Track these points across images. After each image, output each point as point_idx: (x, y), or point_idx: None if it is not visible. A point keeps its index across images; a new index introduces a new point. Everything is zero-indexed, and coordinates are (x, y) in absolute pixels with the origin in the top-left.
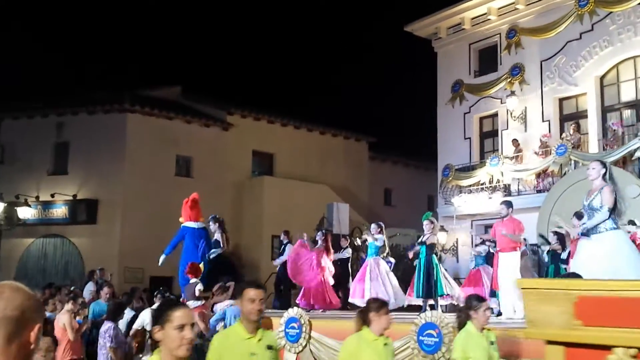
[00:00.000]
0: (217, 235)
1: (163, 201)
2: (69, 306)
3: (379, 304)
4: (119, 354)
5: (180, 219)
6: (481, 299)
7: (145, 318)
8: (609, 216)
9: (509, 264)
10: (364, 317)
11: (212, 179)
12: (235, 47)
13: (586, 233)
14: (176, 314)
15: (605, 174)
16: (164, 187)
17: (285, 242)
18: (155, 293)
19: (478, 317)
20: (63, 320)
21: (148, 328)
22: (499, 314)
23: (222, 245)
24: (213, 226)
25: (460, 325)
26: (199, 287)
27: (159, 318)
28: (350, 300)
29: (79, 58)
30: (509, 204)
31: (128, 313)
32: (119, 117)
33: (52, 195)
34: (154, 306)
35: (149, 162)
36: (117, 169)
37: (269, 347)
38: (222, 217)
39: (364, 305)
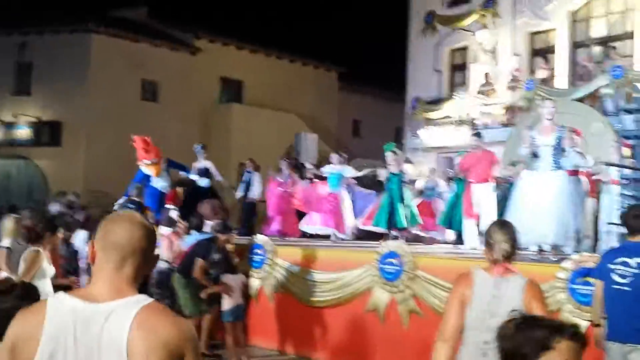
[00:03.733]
0: (208, 163)
1: (129, 125)
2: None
3: None
4: None
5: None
6: None
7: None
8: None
9: (481, 195)
10: None
11: (178, 104)
12: None
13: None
14: None
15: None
16: (130, 111)
17: (250, 171)
18: None
19: None
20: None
21: None
22: (455, 243)
23: (211, 174)
24: (205, 154)
25: None
26: (175, 214)
27: None
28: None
29: None
30: (479, 135)
31: None
32: (84, 38)
33: (15, 116)
34: None
35: (114, 85)
36: (82, 91)
37: None
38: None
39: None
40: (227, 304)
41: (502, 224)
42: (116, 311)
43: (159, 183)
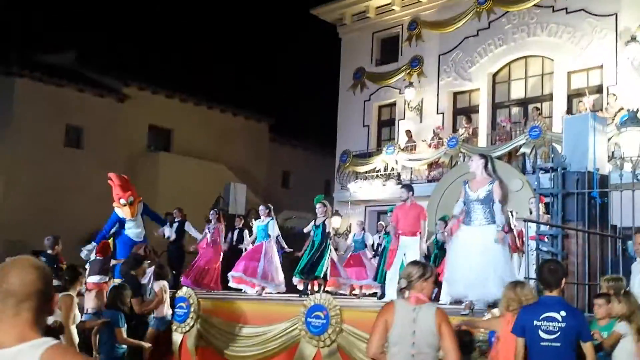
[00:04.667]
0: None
1: (50, 171)
2: None
3: None
4: None
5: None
6: None
7: None
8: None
9: (409, 248)
10: None
11: (104, 151)
12: (137, 16)
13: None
14: None
15: (486, 166)
16: (52, 157)
17: (177, 220)
18: None
19: None
20: None
21: None
22: (382, 296)
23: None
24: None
25: None
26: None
27: None
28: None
29: None
30: (409, 188)
31: None
32: (7, 81)
33: None
34: None
35: (37, 130)
36: (2, 135)
37: None
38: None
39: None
40: (157, 312)
41: (411, 263)
42: (22, 353)
43: (133, 230)
